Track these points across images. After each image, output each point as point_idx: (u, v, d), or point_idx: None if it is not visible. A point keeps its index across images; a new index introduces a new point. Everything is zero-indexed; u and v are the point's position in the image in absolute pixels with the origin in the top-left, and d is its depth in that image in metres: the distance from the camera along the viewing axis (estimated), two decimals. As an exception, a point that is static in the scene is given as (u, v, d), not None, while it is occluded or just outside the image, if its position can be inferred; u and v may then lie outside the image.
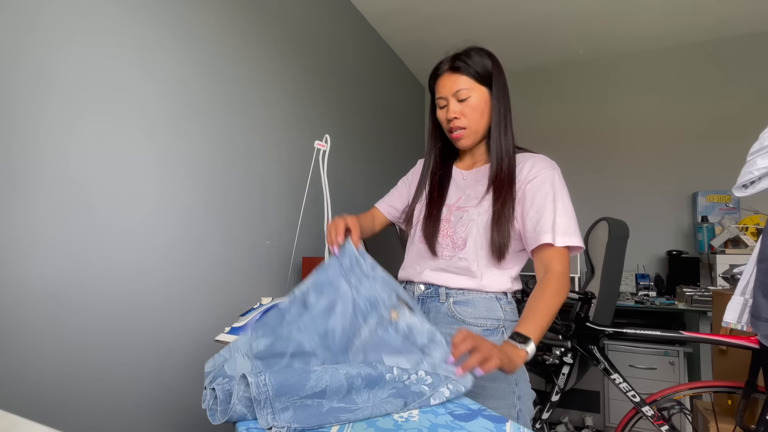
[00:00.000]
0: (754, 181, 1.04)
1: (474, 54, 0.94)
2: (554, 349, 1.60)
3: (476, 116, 0.95)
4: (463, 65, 0.93)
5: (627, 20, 2.55)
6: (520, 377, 0.92)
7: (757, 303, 1.01)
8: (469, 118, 0.95)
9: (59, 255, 0.95)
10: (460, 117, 0.95)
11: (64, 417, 0.95)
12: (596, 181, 2.98)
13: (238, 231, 1.47)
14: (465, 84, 0.93)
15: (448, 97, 0.95)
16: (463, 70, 0.93)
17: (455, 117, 0.95)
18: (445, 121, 0.98)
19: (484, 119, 0.96)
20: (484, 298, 0.94)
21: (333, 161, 1.49)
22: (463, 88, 0.93)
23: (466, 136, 0.97)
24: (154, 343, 1.16)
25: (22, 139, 0.89)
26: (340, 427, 0.56)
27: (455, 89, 0.94)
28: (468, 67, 0.93)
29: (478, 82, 0.94)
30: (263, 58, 1.62)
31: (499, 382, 0.89)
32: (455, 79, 0.94)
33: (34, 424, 0.43)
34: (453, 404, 0.64)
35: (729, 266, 1.74)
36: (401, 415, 0.59)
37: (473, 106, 0.94)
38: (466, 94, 0.93)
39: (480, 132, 0.97)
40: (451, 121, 0.96)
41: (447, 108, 0.96)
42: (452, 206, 1.00)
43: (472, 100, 0.94)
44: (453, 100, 0.95)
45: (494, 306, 0.93)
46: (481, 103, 0.94)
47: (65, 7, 0.97)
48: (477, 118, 0.95)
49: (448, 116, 0.96)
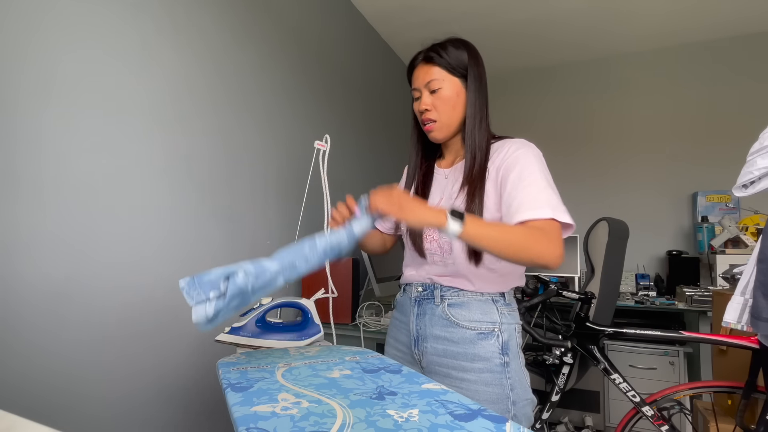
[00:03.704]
0: (754, 181, 1.04)
1: (450, 45, 0.92)
2: (554, 349, 1.60)
3: (448, 108, 0.92)
4: (435, 56, 0.91)
5: (627, 20, 2.55)
6: (516, 382, 0.89)
7: (757, 303, 1.01)
8: (440, 110, 0.92)
9: (61, 253, 0.95)
10: (431, 109, 0.93)
11: (65, 416, 0.95)
12: (596, 181, 2.98)
13: (239, 230, 1.47)
14: (437, 75, 0.91)
15: (421, 88, 0.93)
16: (436, 61, 0.91)
17: (426, 109, 0.93)
18: (418, 113, 0.96)
19: (457, 112, 0.93)
20: (479, 300, 0.92)
21: (333, 161, 1.49)
22: (434, 78, 0.91)
23: (437, 128, 0.94)
24: (154, 343, 1.16)
25: (23, 138, 0.89)
26: (340, 426, 0.56)
27: (427, 80, 0.92)
28: (441, 58, 0.91)
29: (451, 73, 0.92)
30: (263, 58, 1.62)
31: (493, 387, 0.87)
32: (428, 70, 0.92)
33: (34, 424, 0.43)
34: (453, 404, 0.64)
35: (729, 266, 1.74)
36: (401, 415, 0.60)
37: (445, 97, 0.91)
38: (437, 85, 0.91)
39: (453, 125, 0.94)
40: (423, 113, 0.94)
41: (420, 100, 0.94)
42: None
43: (444, 91, 0.91)
44: (425, 92, 0.93)
45: (490, 308, 0.91)
46: (453, 95, 0.92)
47: (66, 7, 0.98)
48: (449, 110, 0.92)
49: (420, 108, 0.94)
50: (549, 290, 1.63)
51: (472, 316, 0.91)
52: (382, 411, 0.61)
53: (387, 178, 2.53)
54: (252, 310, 1.01)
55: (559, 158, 3.07)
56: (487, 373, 0.88)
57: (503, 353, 0.89)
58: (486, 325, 0.90)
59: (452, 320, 0.91)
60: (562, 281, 2.47)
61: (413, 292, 1.00)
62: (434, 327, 0.93)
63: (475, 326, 0.90)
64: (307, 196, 1.38)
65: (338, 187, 2.06)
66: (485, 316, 0.91)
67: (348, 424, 0.57)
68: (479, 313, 0.91)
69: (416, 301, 0.98)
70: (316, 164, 1.26)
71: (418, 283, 0.99)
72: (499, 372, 0.88)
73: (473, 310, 0.91)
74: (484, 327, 0.90)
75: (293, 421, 0.56)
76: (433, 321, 0.94)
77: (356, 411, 0.60)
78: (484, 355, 0.89)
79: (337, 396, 0.66)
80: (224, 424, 1.36)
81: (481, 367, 0.89)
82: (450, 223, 0.73)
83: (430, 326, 0.94)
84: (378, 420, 0.58)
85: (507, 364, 0.89)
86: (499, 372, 0.88)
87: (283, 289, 1.65)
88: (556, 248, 0.77)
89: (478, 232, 0.74)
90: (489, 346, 0.89)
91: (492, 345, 0.89)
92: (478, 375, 0.88)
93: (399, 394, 0.68)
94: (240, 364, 0.83)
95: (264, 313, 1.01)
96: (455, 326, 0.91)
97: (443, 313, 0.93)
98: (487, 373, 0.88)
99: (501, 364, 0.89)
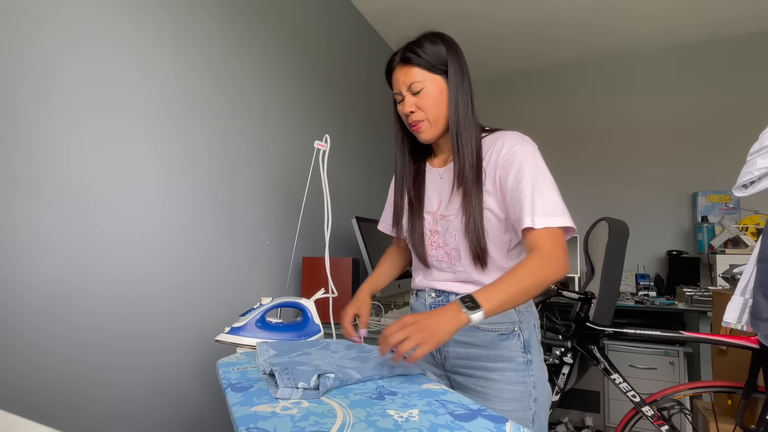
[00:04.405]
0: (754, 181, 1.04)
1: (426, 42, 0.89)
2: (554, 349, 1.60)
3: (433, 107, 0.90)
4: (413, 56, 0.89)
5: (628, 20, 2.55)
6: (538, 379, 0.89)
7: (757, 303, 1.01)
8: (426, 110, 0.90)
9: (60, 253, 0.95)
10: (416, 110, 0.90)
11: (65, 416, 0.95)
12: (596, 181, 2.98)
13: (238, 230, 1.47)
14: (418, 76, 0.89)
15: (403, 91, 0.91)
16: (414, 61, 0.89)
17: (411, 111, 0.91)
18: (404, 116, 0.94)
19: (443, 109, 0.91)
20: None
21: (333, 161, 1.49)
22: (416, 80, 0.89)
23: (426, 129, 0.92)
24: (154, 342, 1.16)
25: (23, 140, 0.89)
26: (340, 426, 0.56)
27: (408, 82, 0.89)
28: (419, 58, 0.88)
29: (431, 72, 0.89)
30: (263, 59, 1.62)
31: (517, 385, 0.88)
32: (407, 71, 0.90)
33: (35, 425, 0.43)
34: (453, 404, 0.64)
35: (729, 266, 1.74)
36: (401, 415, 0.59)
37: (429, 97, 0.89)
38: (419, 86, 0.89)
39: (440, 123, 0.92)
40: (409, 115, 0.92)
41: (403, 102, 0.92)
42: (436, 213, 0.96)
43: (427, 91, 0.89)
44: (408, 94, 0.91)
45: None
46: (437, 93, 0.90)
47: (66, 8, 0.97)
48: (435, 109, 0.90)
49: (405, 111, 0.92)
50: (549, 290, 1.63)
51: (490, 318, 0.90)
52: (382, 411, 0.60)
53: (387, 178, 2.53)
54: (252, 309, 1.01)
55: (560, 158, 3.07)
56: (511, 372, 0.89)
57: (525, 351, 0.90)
58: (506, 326, 0.90)
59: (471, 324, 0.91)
60: (562, 281, 2.47)
61: (427, 299, 0.99)
62: None
63: (496, 328, 0.90)
64: (307, 196, 1.38)
65: (338, 187, 2.06)
66: (504, 317, 0.90)
67: (348, 424, 0.57)
68: (498, 315, 0.89)
69: (431, 308, 0.97)
70: (316, 164, 1.26)
71: (430, 288, 0.98)
72: (523, 370, 0.89)
73: None
74: (504, 328, 0.90)
75: (293, 421, 0.56)
76: None
77: (356, 411, 0.60)
78: (507, 356, 0.89)
79: (337, 396, 0.66)
80: (224, 424, 1.36)
81: (505, 366, 0.89)
82: (471, 316, 0.71)
83: None
84: (378, 420, 0.58)
85: (530, 362, 0.90)
86: (523, 370, 0.89)
87: (282, 288, 1.65)
88: (560, 264, 0.78)
89: (497, 304, 0.74)
90: (511, 346, 0.89)
91: (514, 344, 0.89)
92: (502, 374, 0.89)
93: (399, 394, 0.68)
94: (240, 364, 0.83)
95: (264, 313, 1.01)
96: (475, 330, 0.90)
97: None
98: (511, 372, 0.89)
99: (524, 362, 0.89)
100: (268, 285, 1.60)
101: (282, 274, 1.66)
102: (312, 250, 1.77)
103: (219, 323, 1.30)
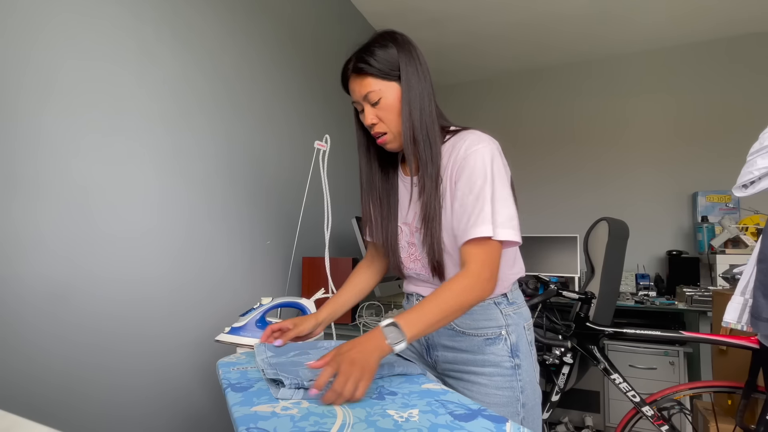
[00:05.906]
0: (754, 181, 1.04)
1: (376, 48, 0.85)
2: (554, 349, 1.60)
3: (394, 117, 0.86)
4: (365, 66, 0.85)
5: (627, 20, 2.55)
6: (527, 384, 0.88)
7: (757, 303, 1.01)
8: (387, 121, 0.86)
9: (60, 253, 0.95)
10: (377, 122, 0.87)
11: (65, 416, 0.95)
12: (596, 181, 2.98)
13: (239, 230, 1.47)
14: (373, 86, 0.85)
15: (361, 101, 0.88)
16: (367, 71, 0.85)
17: (374, 123, 0.87)
18: (366, 126, 0.90)
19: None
20: (481, 306, 0.88)
21: (333, 161, 1.49)
22: (371, 90, 0.85)
23: (391, 140, 0.88)
24: (154, 343, 1.16)
25: (23, 140, 0.89)
26: (340, 426, 0.56)
27: (364, 93, 0.86)
28: (371, 67, 0.84)
29: (386, 80, 0.85)
30: (264, 59, 1.62)
31: (504, 390, 0.87)
32: (361, 82, 0.86)
33: (35, 425, 0.43)
34: (453, 404, 0.64)
35: (729, 266, 1.74)
36: (401, 415, 0.59)
37: (388, 107, 0.85)
38: (376, 97, 0.85)
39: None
40: (371, 127, 0.88)
41: (364, 113, 0.88)
42: (411, 225, 0.93)
43: (385, 100, 0.85)
44: (367, 105, 0.87)
45: (493, 313, 0.89)
46: (395, 101, 0.85)
47: (65, 9, 0.98)
48: (396, 119, 0.86)
49: (366, 123, 0.88)
50: (549, 290, 1.63)
51: (476, 323, 0.89)
52: (382, 411, 0.60)
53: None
54: (252, 309, 1.01)
55: (560, 158, 3.07)
56: (498, 377, 0.87)
57: (513, 356, 0.88)
58: (492, 330, 0.88)
59: (457, 330, 0.90)
60: (562, 281, 2.47)
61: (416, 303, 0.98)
62: (441, 337, 0.92)
63: (482, 332, 0.88)
64: (307, 196, 1.38)
65: (338, 187, 2.06)
66: (490, 321, 0.88)
67: (348, 424, 0.57)
68: (483, 320, 0.89)
69: None
70: (316, 164, 1.26)
71: (417, 294, 0.98)
72: (510, 375, 0.87)
73: (477, 318, 0.89)
74: (490, 332, 0.88)
75: (293, 421, 0.56)
76: (439, 331, 0.92)
77: (356, 411, 0.60)
78: (493, 361, 0.88)
79: (337, 396, 0.66)
80: (224, 424, 1.36)
81: (491, 371, 0.88)
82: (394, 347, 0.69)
83: (437, 336, 0.93)
84: (378, 420, 0.58)
85: (518, 367, 0.88)
86: (510, 375, 0.87)
87: (282, 288, 1.65)
88: (484, 287, 0.77)
89: (419, 331, 0.72)
90: (498, 351, 0.88)
91: (500, 349, 0.88)
92: (489, 379, 0.88)
93: (399, 394, 0.68)
94: (240, 364, 0.83)
95: (264, 313, 1.01)
96: (461, 335, 0.90)
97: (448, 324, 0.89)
98: (498, 377, 0.87)
99: (511, 367, 0.87)
100: (268, 285, 1.60)
101: (282, 274, 1.66)
102: (312, 250, 1.77)
103: (219, 323, 1.30)
